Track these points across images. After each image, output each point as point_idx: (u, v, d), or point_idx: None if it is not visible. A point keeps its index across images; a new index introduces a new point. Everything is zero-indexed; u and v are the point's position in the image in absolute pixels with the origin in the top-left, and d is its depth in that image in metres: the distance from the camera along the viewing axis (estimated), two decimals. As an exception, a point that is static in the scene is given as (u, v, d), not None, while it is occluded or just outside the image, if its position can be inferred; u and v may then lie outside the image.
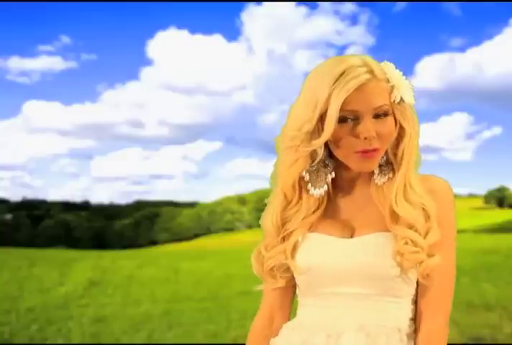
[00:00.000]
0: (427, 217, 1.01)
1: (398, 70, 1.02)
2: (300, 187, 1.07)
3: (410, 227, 1.00)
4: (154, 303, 6.89)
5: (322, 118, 0.98)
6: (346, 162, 1.03)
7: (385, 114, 1.00)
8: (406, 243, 0.98)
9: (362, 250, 1.01)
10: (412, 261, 0.98)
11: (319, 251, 1.04)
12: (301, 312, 1.10)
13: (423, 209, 1.01)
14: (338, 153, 1.02)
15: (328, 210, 1.08)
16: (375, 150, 0.99)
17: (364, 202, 1.08)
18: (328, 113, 0.97)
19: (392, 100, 1.01)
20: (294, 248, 1.06)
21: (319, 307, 1.05)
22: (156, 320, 5.73)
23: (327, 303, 1.04)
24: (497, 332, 4.45)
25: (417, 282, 1.04)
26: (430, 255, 1.00)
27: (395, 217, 1.01)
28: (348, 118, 0.98)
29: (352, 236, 1.05)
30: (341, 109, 0.97)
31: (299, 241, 1.06)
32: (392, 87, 1.01)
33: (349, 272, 1.01)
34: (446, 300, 1.04)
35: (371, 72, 0.98)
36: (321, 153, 1.04)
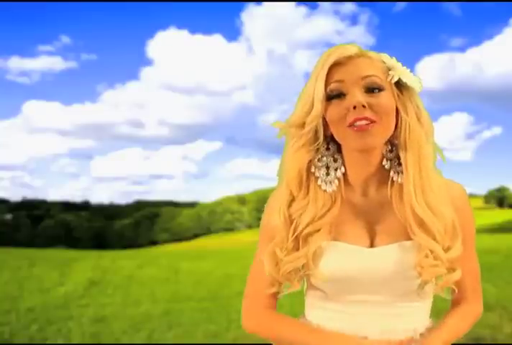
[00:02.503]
0: (447, 227, 0.99)
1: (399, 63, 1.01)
2: (308, 182, 1.05)
3: (433, 237, 0.98)
4: (154, 303, 6.88)
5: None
6: (345, 140, 1.00)
7: (379, 89, 0.97)
8: (427, 256, 0.97)
9: (389, 260, 1.00)
10: (431, 275, 0.98)
11: (344, 261, 1.02)
12: (317, 314, 1.09)
13: (444, 221, 0.99)
14: (335, 132, 1.00)
15: (344, 212, 1.06)
16: (368, 122, 0.95)
17: (381, 204, 1.05)
18: (315, 86, 0.97)
19: (389, 80, 0.99)
20: (315, 254, 1.03)
21: (342, 313, 1.04)
22: (156, 320, 5.73)
23: (351, 310, 1.03)
24: (497, 332, 4.45)
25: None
26: (451, 269, 1.00)
27: (417, 220, 0.98)
28: (337, 92, 0.97)
29: (372, 243, 1.03)
30: (329, 82, 0.97)
31: (321, 247, 1.03)
32: (389, 68, 1.00)
33: (376, 282, 1.01)
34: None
35: (362, 50, 0.99)
36: (321, 135, 1.02)
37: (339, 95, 0.97)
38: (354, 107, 0.94)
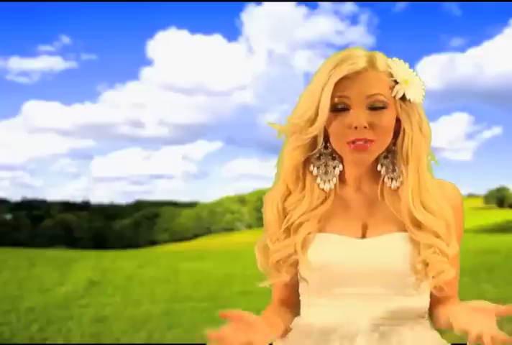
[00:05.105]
0: (448, 227, 1.00)
1: (410, 69, 1.01)
2: (304, 177, 1.06)
3: (436, 235, 0.99)
4: (154, 303, 6.88)
5: (319, 106, 0.98)
6: (341, 153, 1.02)
7: (382, 107, 0.98)
8: (435, 252, 0.98)
9: (380, 251, 1.00)
10: (435, 270, 0.99)
11: (334, 251, 1.02)
12: (310, 311, 1.08)
13: (444, 218, 1.00)
14: (333, 144, 1.02)
15: (336, 206, 1.07)
16: (367, 141, 0.97)
17: (373, 199, 1.06)
18: (321, 99, 0.97)
19: (393, 96, 1.00)
20: (304, 242, 1.04)
21: (332, 307, 1.03)
22: (156, 320, 5.73)
23: (341, 303, 1.03)
24: (498, 332, 4.45)
25: None
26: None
27: (415, 222, 1.00)
28: (341, 106, 0.98)
29: (363, 235, 1.04)
30: (334, 96, 0.97)
31: (310, 236, 1.04)
32: (395, 82, 1.00)
33: (366, 274, 1.00)
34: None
35: (371, 62, 0.98)
36: (320, 142, 1.04)
37: (343, 109, 0.98)
38: (356, 127, 0.96)
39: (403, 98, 1.01)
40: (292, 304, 1.15)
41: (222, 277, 9.36)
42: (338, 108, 0.98)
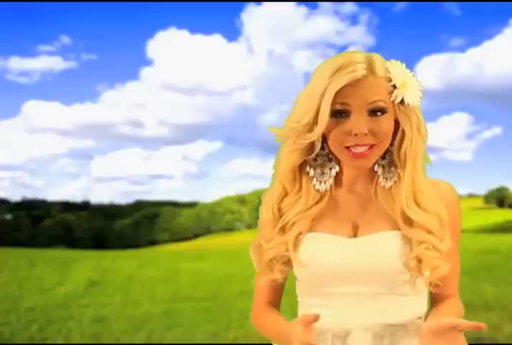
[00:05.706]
0: (441, 224, 1.01)
1: (407, 70, 1.01)
2: (301, 179, 1.06)
3: (429, 232, 0.99)
4: (154, 303, 6.88)
5: (319, 111, 0.98)
6: (340, 157, 1.03)
7: (382, 112, 0.98)
8: (427, 248, 0.98)
9: (371, 249, 1.00)
10: (429, 266, 0.99)
11: (324, 249, 1.03)
12: (304, 312, 1.07)
13: (437, 215, 1.01)
14: (332, 148, 1.02)
15: (330, 206, 1.07)
16: (369, 147, 0.98)
17: (367, 198, 1.07)
18: (321, 106, 0.97)
19: (391, 100, 1.00)
20: (296, 240, 1.05)
21: (325, 307, 1.03)
22: (156, 320, 5.73)
23: (333, 303, 1.03)
24: (497, 332, 4.45)
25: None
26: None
27: (408, 220, 1.01)
28: (341, 112, 0.98)
29: (355, 235, 1.04)
30: (335, 102, 0.96)
31: (301, 234, 1.05)
32: (394, 86, 1.00)
33: (358, 272, 1.00)
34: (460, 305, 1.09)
35: (370, 69, 0.97)
36: (318, 146, 1.04)
37: (343, 115, 0.98)
38: (356, 134, 0.96)
39: (402, 101, 1.01)
40: (277, 306, 1.17)
41: (222, 277, 9.36)
42: (338, 114, 0.98)
